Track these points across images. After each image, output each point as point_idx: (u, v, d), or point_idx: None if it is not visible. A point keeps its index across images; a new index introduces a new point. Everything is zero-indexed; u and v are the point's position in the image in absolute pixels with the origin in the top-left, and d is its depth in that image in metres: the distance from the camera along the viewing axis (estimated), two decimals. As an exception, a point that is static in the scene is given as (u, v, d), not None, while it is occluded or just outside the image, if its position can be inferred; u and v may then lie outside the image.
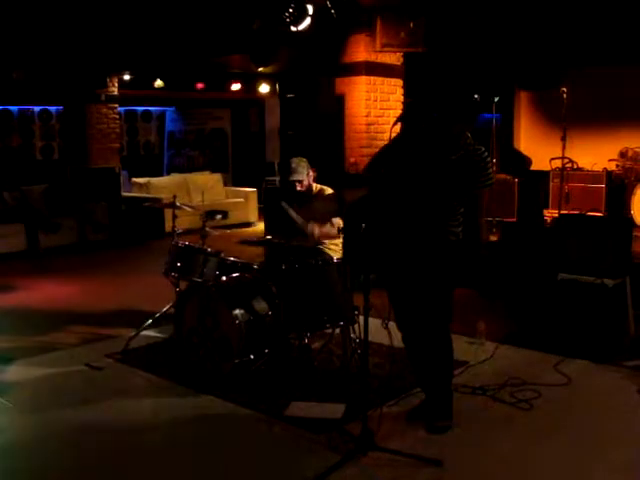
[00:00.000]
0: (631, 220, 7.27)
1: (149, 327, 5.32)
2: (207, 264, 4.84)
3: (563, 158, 8.03)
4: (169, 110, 14.51)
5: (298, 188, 5.10)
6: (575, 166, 8.78)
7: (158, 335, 5.42)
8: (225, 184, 13.03)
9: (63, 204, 10.24)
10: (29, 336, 5.59)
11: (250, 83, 12.30)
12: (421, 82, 8.79)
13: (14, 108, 12.09)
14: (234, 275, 4.84)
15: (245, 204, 12.16)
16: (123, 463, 3.49)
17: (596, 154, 8.87)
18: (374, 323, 3.61)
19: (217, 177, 12.77)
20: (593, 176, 8.60)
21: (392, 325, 3.67)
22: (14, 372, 4.79)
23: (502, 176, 8.56)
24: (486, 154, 3.69)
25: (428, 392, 3.92)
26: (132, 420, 4.00)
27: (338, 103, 8.68)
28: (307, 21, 6.98)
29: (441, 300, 3.73)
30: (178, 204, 5.35)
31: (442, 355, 3.82)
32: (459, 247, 3.71)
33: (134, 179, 12.05)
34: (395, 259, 3.76)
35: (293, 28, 6.95)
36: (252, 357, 4.36)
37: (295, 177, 5.07)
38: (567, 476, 3.36)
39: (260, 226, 11.25)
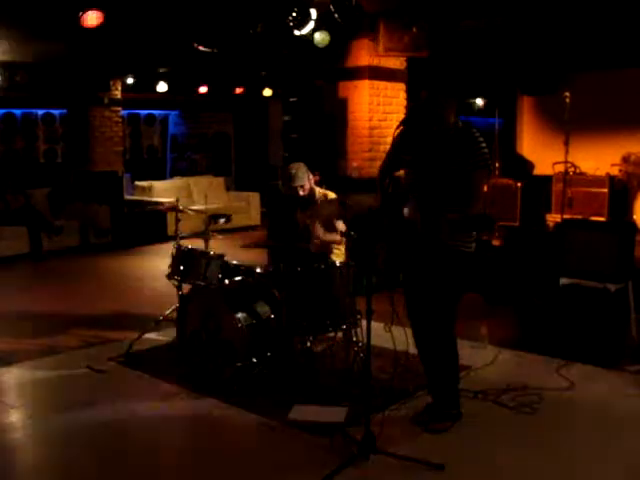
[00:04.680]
0: (634, 225, 7.23)
1: (152, 330, 5.33)
2: (210, 267, 4.85)
3: (566, 162, 8.02)
4: (172, 114, 14.53)
5: (301, 193, 5.09)
6: (578, 171, 8.76)
7: (161, 338, 5.43)
8: (228, 188, 13.05)
9: (66, 207, 10.27)
10: (31, 339, 5.60)
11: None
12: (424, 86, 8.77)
13: (18, 111, 12.13)
14: (237, 278, 4.84)
15: (248, 208, 12.17)
16: (124, 465, 3.49)
17: (599, 159, 8.84)
18: (377, 327, 3.61)
19: (220, 181, 12.80)
20: (596, 181, 8.57)
21: (394, 329, 3.67)
22: (16, 375, 4.80)
23: (504, 180, 8.56)
24: (478, 134, 3.68)
25: (435, 394, 3.94)
26: (134, 423, 4.00)
27: (341, 107, 8.68)
28: (311, 25, 6.98)
29: (446, 302, 3.75)
30: (181, 207, 5.36)
31: (446, 357, 3.84)
32: (467, 256, 3.72)
33: (137, 182, 12.07)
34: (408, 259, 3.78)
35: (296, 32, 6.95)
36: (255, 360, 4.36)
37: (297, 183, 5.06)
38: (570, 481, 3.36)
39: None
